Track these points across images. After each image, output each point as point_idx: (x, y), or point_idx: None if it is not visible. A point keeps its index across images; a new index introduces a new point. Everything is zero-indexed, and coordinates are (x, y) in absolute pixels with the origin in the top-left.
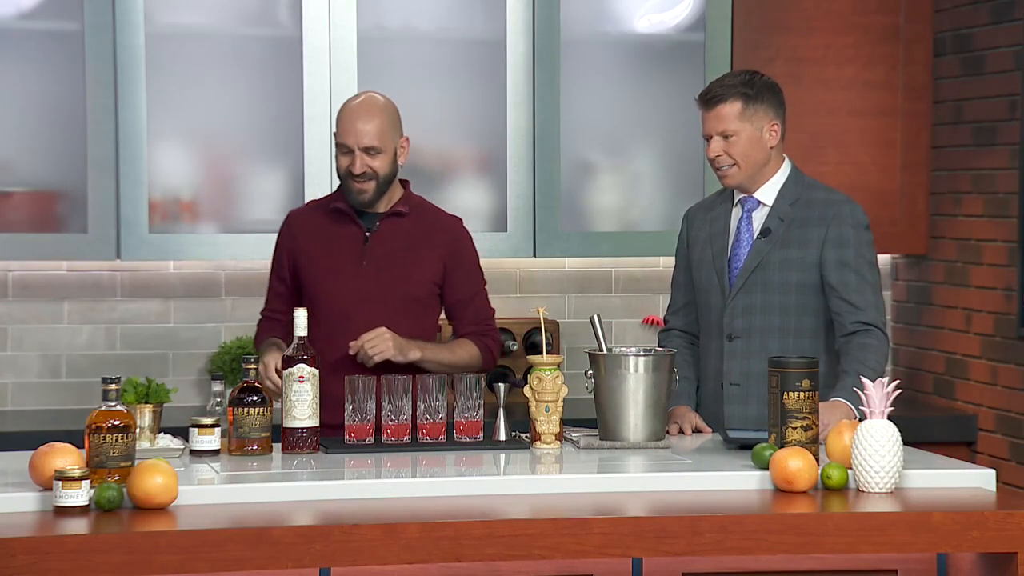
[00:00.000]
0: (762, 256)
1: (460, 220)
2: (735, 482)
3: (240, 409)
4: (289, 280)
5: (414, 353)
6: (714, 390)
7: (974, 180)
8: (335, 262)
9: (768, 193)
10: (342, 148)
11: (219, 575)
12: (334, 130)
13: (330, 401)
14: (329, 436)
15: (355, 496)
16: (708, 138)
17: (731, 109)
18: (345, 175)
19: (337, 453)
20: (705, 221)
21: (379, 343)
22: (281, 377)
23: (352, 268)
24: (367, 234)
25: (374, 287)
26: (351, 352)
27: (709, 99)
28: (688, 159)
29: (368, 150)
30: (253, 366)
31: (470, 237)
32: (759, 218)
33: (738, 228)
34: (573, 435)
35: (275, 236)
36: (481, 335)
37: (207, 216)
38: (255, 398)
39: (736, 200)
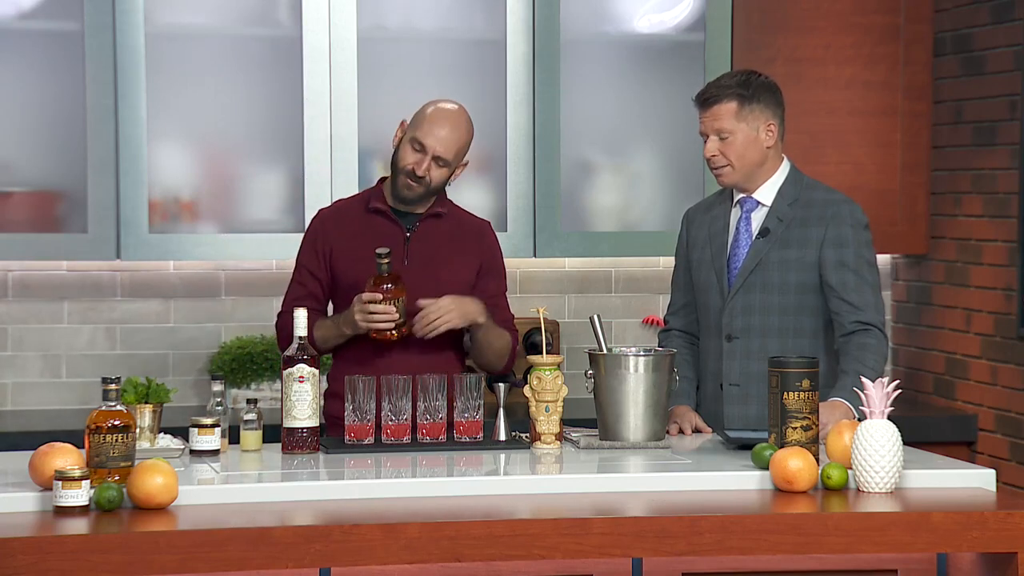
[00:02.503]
0: (761, 256)
1: (489, 223)
2: (735, 482)
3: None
4: (325, 279)
5: (480, 317)
6: (713, 390)
7: (974, 180)
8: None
9: (767, 193)
10: (415, 144)
11: (219, 575)
12: (407, 121)
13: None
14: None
15: (355, 496)
16: (705, 137)
17: (726, 109)
18: (403, 170)
19: (337, 453)
20: (704, 222)
21: (444, 314)
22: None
23: (395, 267)
24: (407, 234)
25: (416, 286)
26: (417, 328)
27: (705, 99)
28: (688, 159)
29: (438, 159)
30: (386, 260)
31: (498, 240)
32: (758, 218)
33: (737, 228)
34: (573, 435)
35: (276, 236)
36: (509, 332)
37: (207, 216)
38: (390, 285)
39: (735, 200)
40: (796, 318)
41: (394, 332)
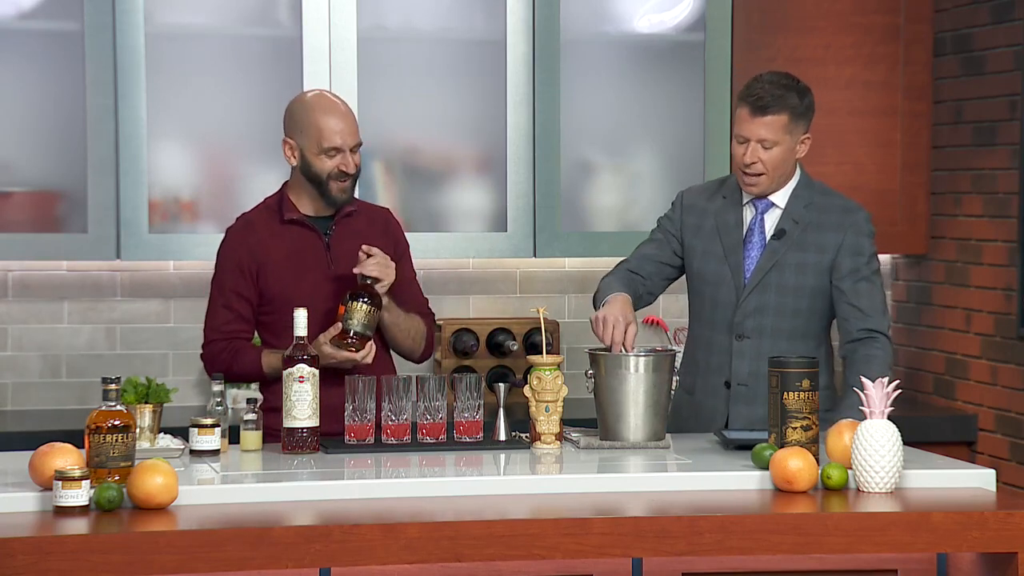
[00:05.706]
0: (777, 257)
1: (389, 210)
2: (735, 482)
3: (353, 303)
4: (254, 299)
5: (386, 298)
6: (716, 386)
7: (974, 180)
8: (304, 272)
9: (781, 195)
10: (329, 151)
11: (219, 575)
12: (290, 139)
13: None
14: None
15: (355, 496)
16: (741, 140)
17: (779, 120)
18: (330, 175)
19: (337, 453)
20: (707, 211)
21: (387, 270)
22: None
23: (321, 274)
24: (326, 240)
25: (344, 289)
26: (362, 254)
27: (760, 105)
28: (688, 159)
29: (354, 148)
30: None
31: (400, 225)
32: (771, 219)
33: (750, 228)
34: (573, 435)
35: None
36: (424, 316)
37: (207, 216)
38: (366, 298)
39: (747, 200)
40: (807, 321)
41: (355, 343)
